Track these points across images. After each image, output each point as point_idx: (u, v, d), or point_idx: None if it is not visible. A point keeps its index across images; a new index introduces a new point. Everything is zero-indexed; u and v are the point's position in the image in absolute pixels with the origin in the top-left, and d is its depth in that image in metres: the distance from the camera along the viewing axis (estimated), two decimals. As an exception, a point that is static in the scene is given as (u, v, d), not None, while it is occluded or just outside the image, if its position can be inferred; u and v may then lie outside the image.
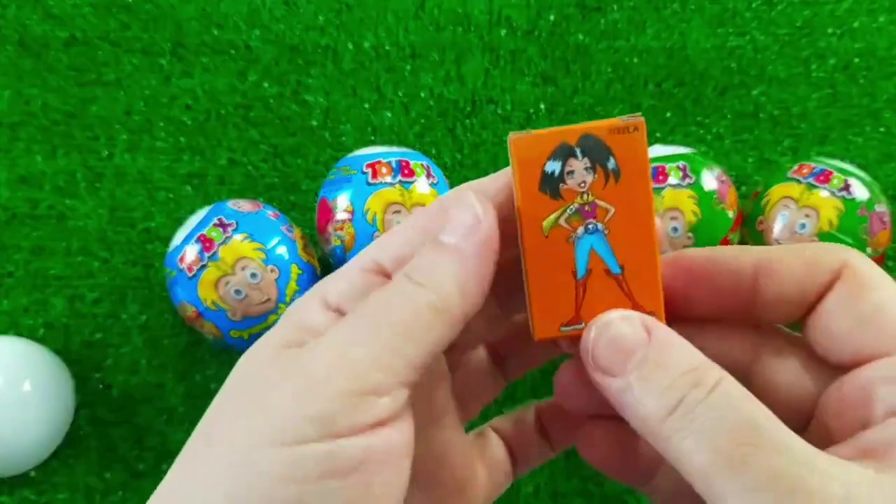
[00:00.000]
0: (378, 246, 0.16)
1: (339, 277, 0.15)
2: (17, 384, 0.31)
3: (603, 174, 0.14)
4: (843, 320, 0.14)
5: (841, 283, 0.14)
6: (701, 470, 0.12)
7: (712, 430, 0.12)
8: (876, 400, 0.13)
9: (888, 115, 0.40)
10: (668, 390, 0.13)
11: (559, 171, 0.14)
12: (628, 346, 0.14)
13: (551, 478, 0.34)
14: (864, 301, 0.14)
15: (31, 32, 0.40)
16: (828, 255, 0.15)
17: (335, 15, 0.41)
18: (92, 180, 0.38)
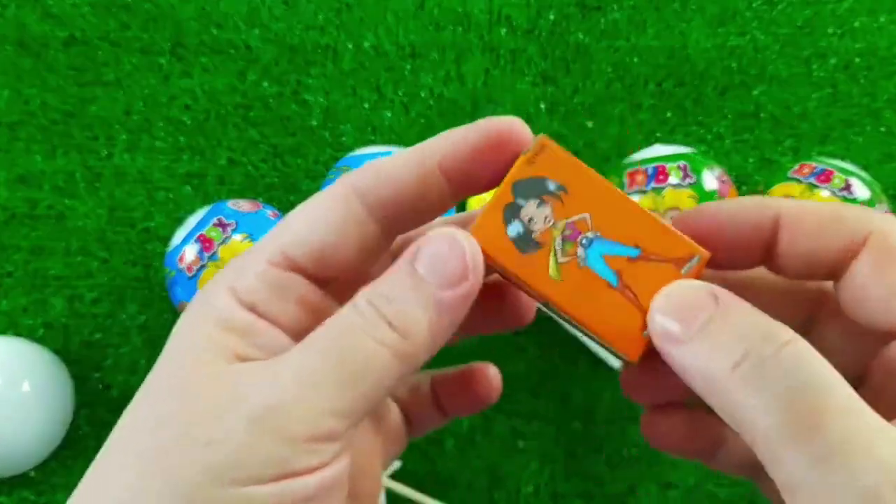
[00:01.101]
0: (285, 232, 0.15)
1: (245, 269, 0.15)
2: (16, 384, 0.31)
3: (553, 199, 0.15)
4: (875, 289, 0.14)
5: (869, 251, 0.14)
6: (766, 433, 0.12)
7: (782, 388, 0.12)
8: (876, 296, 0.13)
9: (889, 114, 0.40)
10: (736, 343, 0.12)
11: (523, 229, 0.15)
12: (694, 308, 0.13)
13: (551, 478, 0.34)
14: (894, 270, 0.13)
15: (30, 32, 0.40)
16: (853, 218, 0.14)
17: (335, 14, 0.41)
18: (91, 180, 0.38)
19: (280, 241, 0.15)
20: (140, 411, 0.14)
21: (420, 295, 0.14)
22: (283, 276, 0.15)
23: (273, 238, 0.15)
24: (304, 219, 0.15)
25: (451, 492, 0.33)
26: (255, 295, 0.14)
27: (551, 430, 0.34)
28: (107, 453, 0.14)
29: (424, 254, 0.14)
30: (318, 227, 0.15)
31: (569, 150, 0.15)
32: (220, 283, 0.15)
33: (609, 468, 0.34)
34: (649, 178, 0.33)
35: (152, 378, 0.14)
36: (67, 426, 0.34)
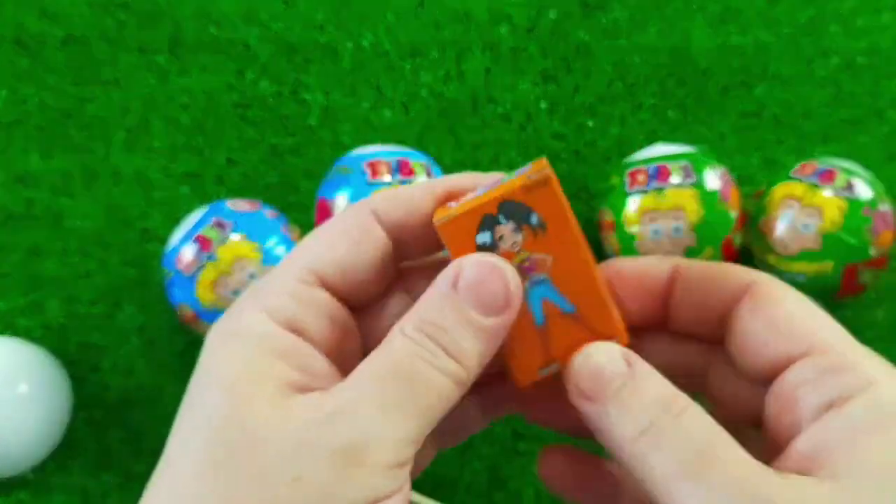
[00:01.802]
0: (307, 252, 0.15)
1: (276, 289, 0.15)
2: (13, 385, 0.31)
3: (530, 231, 0.15)
4: (754, 328, 0.15)
5: (749, 296, 0.15)
6: (665, 480, 0.13)
7: (678, 447, 0.13)
8: (799, 404, 0.14)
9: (892, 114, 0.40)
10: (641, 414, 0.14)
11: (490, 241, 0.15)
12: (608, 375, 0.15)
13: (552, 480, 0.34)
14: (773, 309, 0.15)
15: (27, 31, 0.40)
16: (737, 271, 0.16)
17: (334, 13, 0.41)
18: (88, 180, 0.38)
19: (304, 259, 0.15)
20: (195, 454, 0.13)
21: (469, 324, 0.14)
22: (314, 292, 0.15)
23: (296, 258, 0.15)
24: (326, 238, 0.15)
25: (452, 494, 0.33)
26: (290, 313, 0.14)
27: (554, 435, 0.34)
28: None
29: (467, 281, 0.15)
30: (340, 245, 0.15)
31: (569, 149, 0.15)
32: (250, 307, 0.14)
33: (610, 470, 0.34)
34: (651, 177, 0.33)
35: (197, 416, 0.14)
36: (65, 427, 0.33)
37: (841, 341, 0.14)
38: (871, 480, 0.12)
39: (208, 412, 0.13)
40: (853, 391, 0.13)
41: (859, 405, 0.13)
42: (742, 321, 0.15)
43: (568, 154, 0.39)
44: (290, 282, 0.15)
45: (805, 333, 0.14)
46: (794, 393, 0.14)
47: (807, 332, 0.14)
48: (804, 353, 0.14)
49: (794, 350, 0.14)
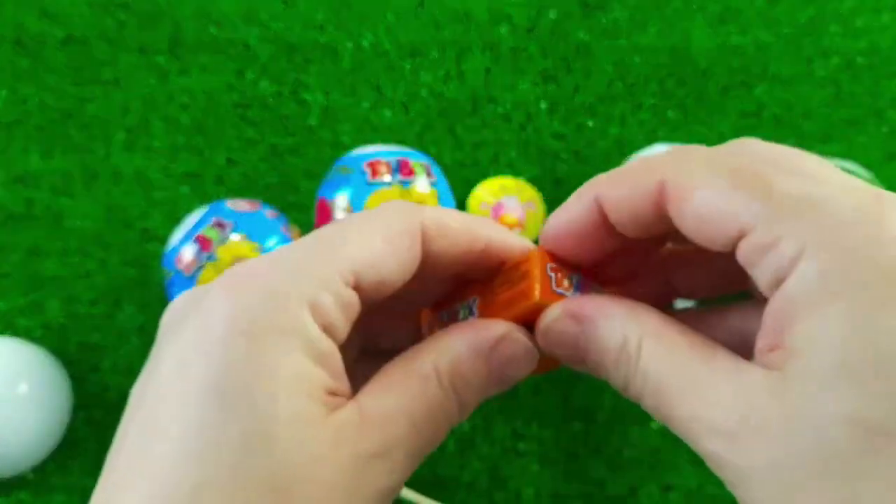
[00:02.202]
0: (355, 250, 0.15)
1: (320, 282, 0.14)
2: (13, 385, 0.31)
3: None
4: (686, 227, 0.15)
5: (666, 199, 0.15)
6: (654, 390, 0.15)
7: (638, 385, 0.15)
8: (756, 281, 0.14)
9: (891, 113, 0.40)
10: (610, 367, 0.15)
11: None
12: (569, 342, 0.16)
13: (552, 480, 0.34)
14: (689, 206, 0.14)
15: (27, 31, 0.40)
16: (644, 173, 0.15)
17: (334, 13, 0.41)
18: (89, 180, 0.38)
19: (350, 257, 0.15)
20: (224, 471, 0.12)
21: (491, 384, 0.16)
22: (352, 296, 0.15)
23: (341, 252, 0.15)
24: (372, 241, 0.15)
25: (452, 493, 0.33)
26: (332, 316, 0.14)
27: (552, 431, 0.34)
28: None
29: (504, 356, 0.16)
30: (386, 256, 0.15)
31: (569, 149, 0.16)
32: (296, 296, 0.14)
33: (610, 470, 0.34)
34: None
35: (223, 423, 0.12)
36: (65, 427, 0.33)
37: (766, 210, 0.13)
38: (809, 373, 0.12)
39: (230, 425, 0.12)
40: (786, 267, 0.13)
41: (794, 283, 0.13)
42: (677, 219, 0.15)
43: (568, 154, 0.39)
44: (335, 279, 0.14)
45: (731, 218, 0.14)
46: (750, 272, 0.14)
47: (732, 216, 0.14)
48: (738, 236, 0.14)
49: (728, 238, 0.14)
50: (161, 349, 0.14)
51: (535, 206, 0.37)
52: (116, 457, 0.14)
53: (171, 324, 0.15)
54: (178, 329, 0.14)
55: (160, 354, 0.14)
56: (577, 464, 0.34)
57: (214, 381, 0.13)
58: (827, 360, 0.12)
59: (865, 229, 0.12)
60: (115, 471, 0.13)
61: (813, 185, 0.13)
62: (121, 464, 0.13)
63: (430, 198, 0.32)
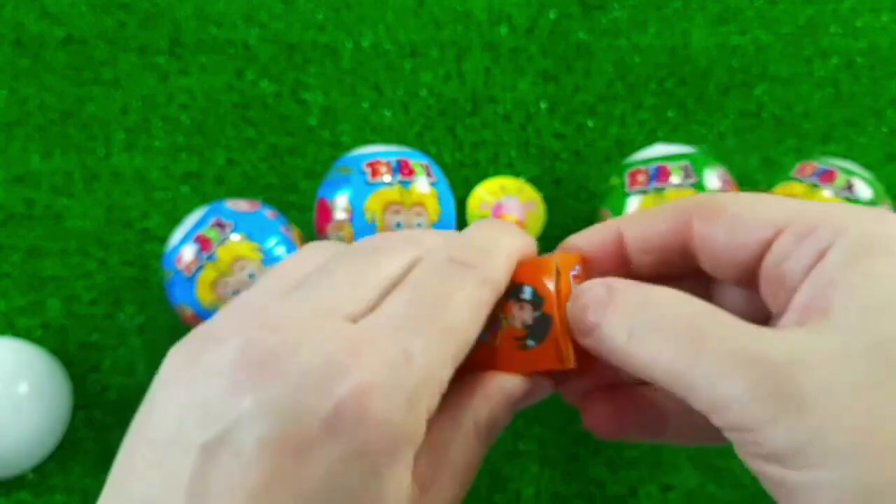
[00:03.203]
0: (461, 342, 0.15)
1: (439, 389, 0.15)
2: (13, 385, 0.31)
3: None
4: (718, 241, 0.16)
5: (698, 216, 0.16)
6: (667, 368, 0.14)
7: (665, 334, 0.14)
8: (787, 275, 0.15)
9: (892, 113, 0.40)
10: (623, 322, 0.15)
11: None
12: (592, 304, 0.16)
13: (552, 480, 0.34)
14: (725, 218, 0.16)
15: (27, 31, 0.40)
16: (679, 207, 0.16)
17: (334, 13, 0.41)
18: (88, 180, 0.38)
19: (455, 351, 0.15)
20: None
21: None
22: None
23: (451, 349, 0.15)
24: (472, 325, 0.16)
25: (451, 494, 0.33)
26: (433, 407, 0.15)
27: (552, 432, 0.34)
28: None
29: (530, 402, 0.17)
30: (473, 338, 0.16)
31: (569, 149, 0.16)
32: (422, 409, 0.14)
33: (610, 470, 0.34)
34: (651, 177, 0.33)
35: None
36: (65, 427, 0.33)
37: (802, 207, 0.15)
38: (854, 313, 0.13)
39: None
40: (829, 242, 0.14)
41: (837, 251, 0.14)
42: (701, 241, 0.16)
43: (568, 154, 0.39)
44: (446, 381, 0.15)
45: (766, 219, 0.15)
46: (779, 269, 0.15)
47: (767, 217, 0.15)
48: (774, 234, 0.15)
49: (763, 236, 0.15)
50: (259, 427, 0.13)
51: (536, 206, 0.37)
52: None
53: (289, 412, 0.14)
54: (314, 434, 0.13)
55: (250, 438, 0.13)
56: (577, 464, 0.34)
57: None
58: (876, 302, 0.13)
59: (877, 221, 0.14)
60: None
61: (824, 202, 0.15)
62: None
63: (430, 198, 0.32)
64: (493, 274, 0.16)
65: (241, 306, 0.16)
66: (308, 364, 0.13)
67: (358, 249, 0.17)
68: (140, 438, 0.14)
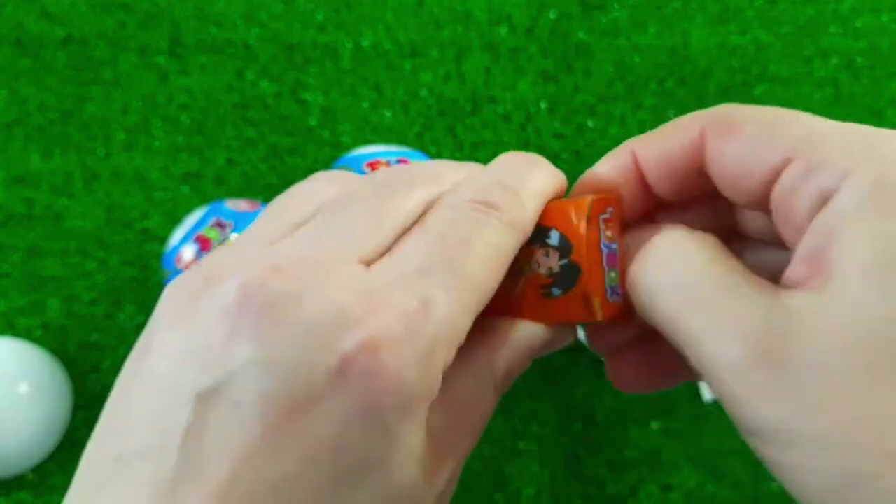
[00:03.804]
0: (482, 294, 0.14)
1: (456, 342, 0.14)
2: (13, 385, 0.31)
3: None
4: (728, 166, 0.15)
5: (709, 137, 0.15)
6: (674, 328, 0.14)
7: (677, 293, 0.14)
8: (794, 211, 0.14)
9: (891, 113, 0.40)
10: (648, 274, 0.15)
11: None
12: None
13: (552, 480, 0.34)
14: (735, 140, 0.15)
15: (27, 31, 0.40)
16: (689, 124, 0.16)
17: (334, 13, 0.41)
18: (88, 180, 0.38)
19: (475, 306, 0.14)
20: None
21: None
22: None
23: (471, 303, 0.14)
24: (492, 274, 0.15)
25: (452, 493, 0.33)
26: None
27: (552, 431, 0.34)
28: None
29: (549, 350, 0.16)
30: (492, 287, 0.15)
31: (569, 149, 0.16)
32: (439, 365, 0.13)
33: (610, 470, 0.34)
34: (650, 177, 0.33)
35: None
36: (65, 427, 0.33)
37: (816, 134, 0.14)
38: (857, 280, 0.12)
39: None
40: (835, 185, 0.13)
41: (841, 198, 0.13)
42: (712, 164, 0.15)
43: (568, 154, 0.39)
44: (463, 334, 0.14)
45: (777, 146, 0.14)
46: (787, 204, 0.14)
47: (778, 144, 0.14)
48: (782, 163, 0.14)
49: (772, 164, 0.14)
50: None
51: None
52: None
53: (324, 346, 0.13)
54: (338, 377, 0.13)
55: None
56: (577, 464, 0.34)
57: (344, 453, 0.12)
58: (885, 265, 0.12)
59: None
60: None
61: (849, 125, 0.14)
62: None
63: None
64: (520, 217, 0.15)
65: (244, 242, 0.15)
66: (316, 313, 0.12)
67: (373, 184, 0.15)
68: (133, 384, 0.14)
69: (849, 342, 0.12)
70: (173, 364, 0.13)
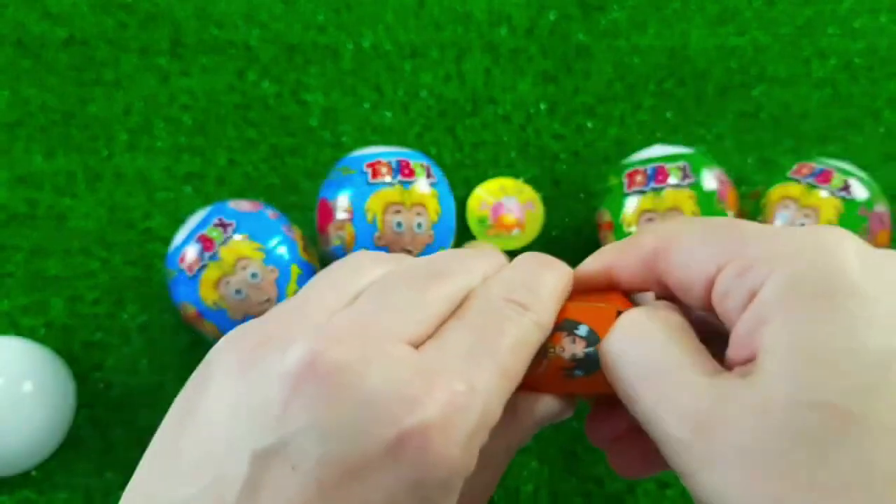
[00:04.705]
0: (513, 382, 0.16)
1: (490, 426, 0.15)
2: (17, 384, 0.31)
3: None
4: (669, 278, 0.17)
5: (658, 260, 0.17)
6: (630, 400, 0.16)
7: (631, 368, 0.16)
8: (728, 313, 0.15)
9: (889, 114, 0.40)
10: (612, 347, 0.17)
11: None
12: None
13: (551, 477, 0.34)
14: (671, 255, 0.16)
15: (29, 32, 0.40)
16: (640, 245, 0.18)
17: (334, 14, 0.41)
18: (91, 180, 0.38)
19: (507, 393, 0.16)
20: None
21: None
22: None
23: (507, 386, 0.16)
24: (518, 367, 0.16)
25: (451, 491, 0.34)
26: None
27: (550, 429, 0.34)
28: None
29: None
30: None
31: (569, 150, 0.17)
32: (476, 445, 0.14)
33: (608, 468, 0.34)
34: (649, 178, 0.33)
35: None
36: (68, 426, 0.34)
37: (745, 240, 0.15)
38: (778, 366, 0.13)
39: None
40: (759, 283, 0.14)
41: (767, 289, 0.14)
42: (665, 276, 0.17)
43: (567, 155, 0.39)
44: (498, 415, 0.15)
45: (709, 257, 0.16)
46: (722, 306, 0.15)
47: (710, 255, 0.16)
48: (717, 270, 0.15)
49: (707, 275, 0.16)
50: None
51: (535, 207, 0.37)
52: None
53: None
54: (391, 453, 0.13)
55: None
56: (576, 461, 0.34)
57: None
58: (796, 354, 0.13)
59: (819, 254, 0.14)
60: None
61: (775, 227, 0.16)
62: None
63: (430, 198, 0.32)
64: (544, 317, 0.17)
65: (298, 310, 0.15)
66: (377, 387, 0.13)
67: (416, 269, 0.16)
68: (186, 429, 0.14)
69: (765, 427, 0.13)
70: (231, 417, 0.13)
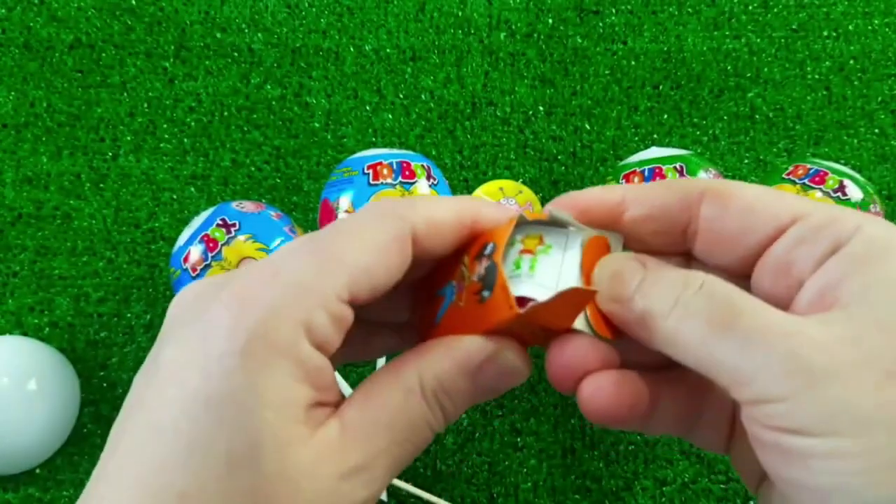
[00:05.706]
0: (350, 266, 0.15)
1: (312, 302, 0.14)
2: (22, 383, 0.31)
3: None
4: (727, 221, 0.16)
5: (709, 198, 0.16)
6: (702, 343, 0.14)
7: (705, 309, 0.15)
8: (797, 263, 0.15)
9: (882, 116, 0.40)
10: (665, 295, 0.15)
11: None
12: (627, 274, 0.16)
13: (550, 474, 0.34)
14: (738, 199, 0.16)
15: (36, 35, 0.41)
16: (689, 184, 0.17)
17: (337, 18, 0.41)
18: (97, 181, 0.38)
19: (347, 274, 0.15)
20: (210, 483, 0.13)
21: (477, 397, 0.16)
22: (346, 311, 0.15)
23: (337, 269, 0.15)
24: (368, 255, 0.15)
25: (452, 487, 0.34)
26: (325, 335, 0.15)
27: (549, 426, 0.35)
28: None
29: (490, 375, 0.16)
30: (380, 269, 0.15)
31: (566, 151, 0.16)
32: (293, 318, 0.14)
33: (606, 464, 0.34)
34: (646, 179, 0.33)
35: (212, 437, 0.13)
36: (73, 424, 0.34)
37: (816, 204, 0.16)
38: (879, 304, 0.14)
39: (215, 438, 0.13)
40: (846, 236, 0.15)
41: (855, 244, 0.14)
42: (709, 221, 0.16)
43: (565, 156, 0.39)
44: (331, 298, 0.15)
45: (783, 207, 0.16)
46: (789, 257, 0.15)
47: (783, 205, 0.16)
48: (790, 221, 0.15)
49: (778, 222, 0.15)
50: (164, 348, 0.15)
51: (533, 208, 0.38)
52: (112, 453, 0.14)
53: (177, 322, 0.15)
54: (183, 333, 0.15)
55: (162, 354, 0.15)
56: (574, 458, 0.34)
57: (208, 396, 0.13)
58: (891, 292, 0.13)
59: (891, 226, 0.15)
60: (108, 467, 0.14)
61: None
62: (115, 462, 0.14)
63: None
64: (409, 213, 0.16)
65: None
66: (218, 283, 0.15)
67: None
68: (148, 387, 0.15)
69: (867, 352, 0.13)
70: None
